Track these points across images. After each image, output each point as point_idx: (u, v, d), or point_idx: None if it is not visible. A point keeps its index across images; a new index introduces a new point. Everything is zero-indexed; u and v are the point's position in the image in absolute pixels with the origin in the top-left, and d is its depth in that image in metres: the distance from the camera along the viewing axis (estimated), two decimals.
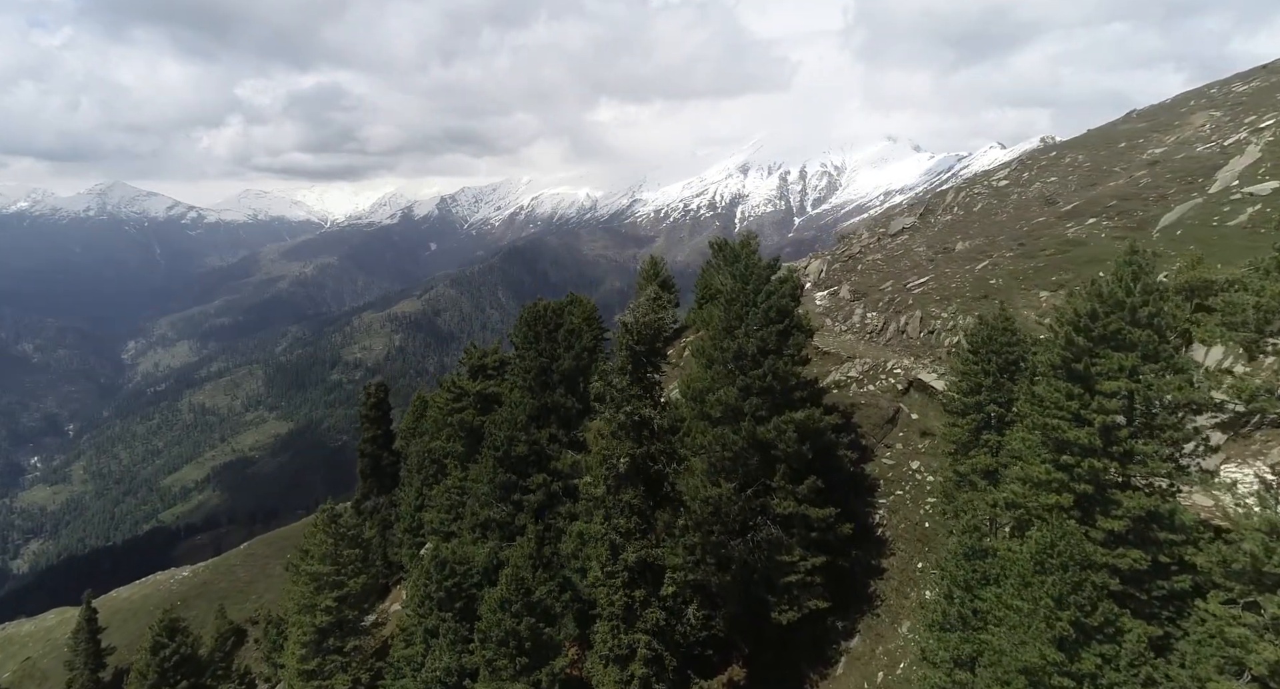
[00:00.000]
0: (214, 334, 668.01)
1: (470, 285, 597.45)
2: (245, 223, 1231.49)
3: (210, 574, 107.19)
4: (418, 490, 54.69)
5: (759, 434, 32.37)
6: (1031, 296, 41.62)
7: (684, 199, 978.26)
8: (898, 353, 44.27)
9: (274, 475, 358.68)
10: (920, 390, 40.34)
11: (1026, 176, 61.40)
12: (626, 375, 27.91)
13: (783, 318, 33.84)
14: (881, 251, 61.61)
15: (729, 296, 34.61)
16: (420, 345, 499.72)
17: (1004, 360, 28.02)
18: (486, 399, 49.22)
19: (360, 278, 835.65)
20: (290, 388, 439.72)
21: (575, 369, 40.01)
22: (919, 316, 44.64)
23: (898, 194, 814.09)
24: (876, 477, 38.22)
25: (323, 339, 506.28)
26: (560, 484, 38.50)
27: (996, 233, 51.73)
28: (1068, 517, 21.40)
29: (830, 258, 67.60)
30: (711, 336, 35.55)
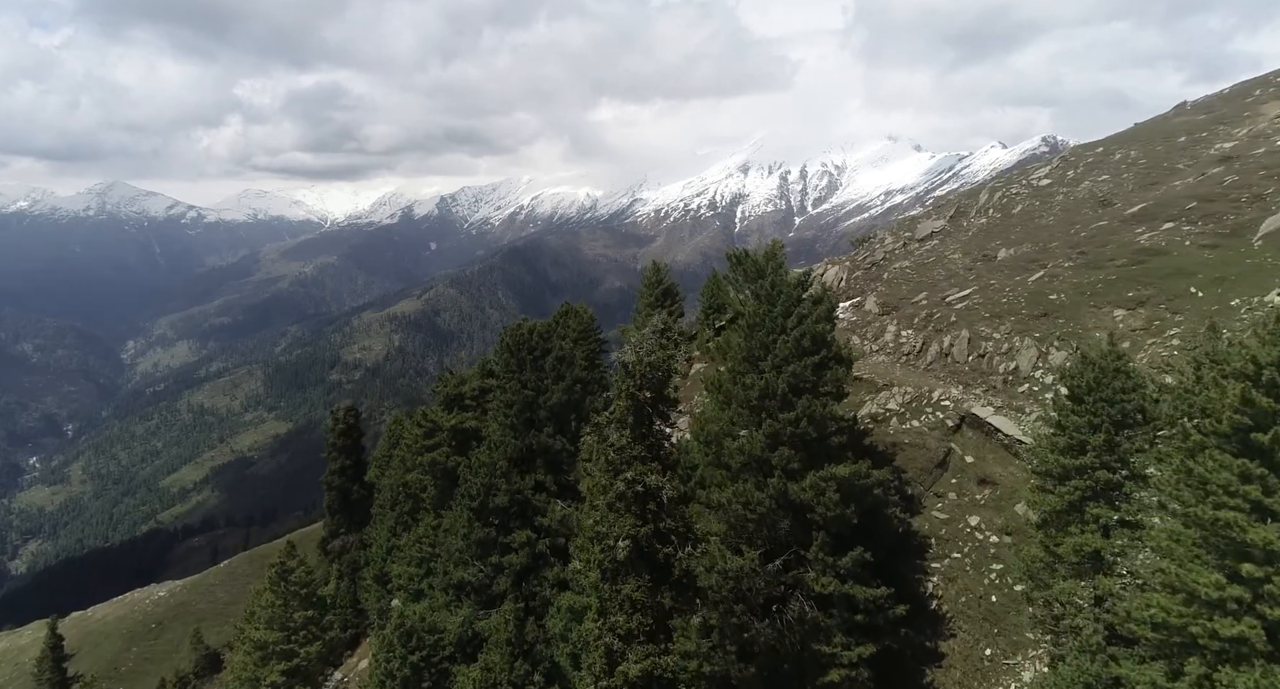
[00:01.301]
0: (213, 334, 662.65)
1: (470, 285, 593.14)
2: (245, 222, 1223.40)
3: (188, 594, 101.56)
4: (390, 530, 47.67)
5: (791, 493, 25.96)
6: (1104, 316, 35.16)
7: (684, 199, 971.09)
8: (943, 380, 37.81)
9: (273, 476, 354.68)
10: (974, 427, 33.93)
11: (1072, 175, 54.82)
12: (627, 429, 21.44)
13: (818, 347, 27.42)
14: (909, 258, 55.13)
15: (751, 321, 28.30)
16: (420, 345, 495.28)
17: (1118, 412, 21.38)
18: (464, 435, 42.27)
19: (360, 277, 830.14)
20: (289, 388, 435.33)
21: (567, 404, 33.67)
22: (966, 337, 38.15)
23: (898, 193, 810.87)
24: (926, 534, 31.64)
25: (322, 339, 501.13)
26: (547, 542, 31.93)
27: (1046, 238, 45.26)
28: (1259, 657, 14.83)
29: (850, 264, 61.07)
30: (730, 369, 29.19)
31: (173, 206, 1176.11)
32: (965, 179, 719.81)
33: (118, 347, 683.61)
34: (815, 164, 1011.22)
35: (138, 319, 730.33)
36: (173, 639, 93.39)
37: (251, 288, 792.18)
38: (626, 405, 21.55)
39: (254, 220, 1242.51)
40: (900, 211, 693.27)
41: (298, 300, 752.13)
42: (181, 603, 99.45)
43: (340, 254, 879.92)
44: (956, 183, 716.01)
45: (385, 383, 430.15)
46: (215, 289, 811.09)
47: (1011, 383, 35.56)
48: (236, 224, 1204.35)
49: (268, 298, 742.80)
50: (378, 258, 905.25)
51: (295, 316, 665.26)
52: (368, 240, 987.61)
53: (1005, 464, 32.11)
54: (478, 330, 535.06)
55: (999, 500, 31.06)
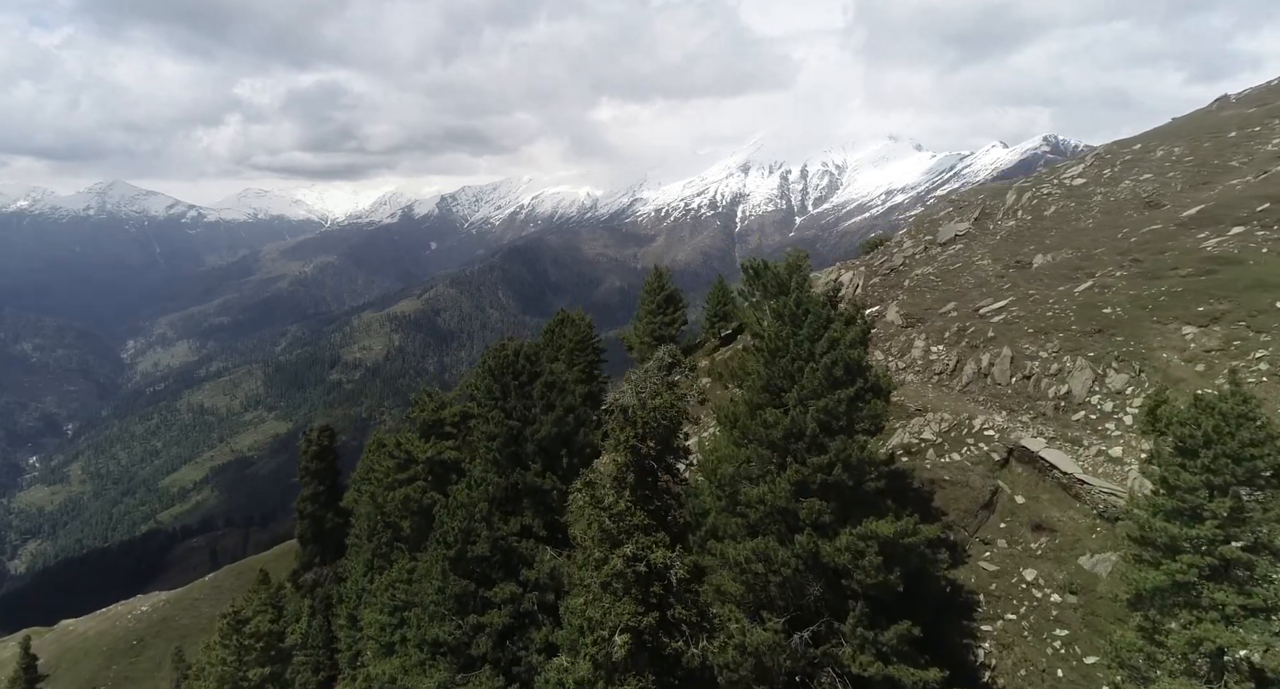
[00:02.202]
0: (213, 333, 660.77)
1: (470, 285, 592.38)
2: (245, 222, 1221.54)
3: (171, 609, 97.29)
4: (367, 563, 42.77)
5: (824, 554, 21.52)
6: (1170, 333, 30.63)
7: (685, 198, 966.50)
8: (983, 405, 33.33)
9: (272, 476, 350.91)
10: (1024, 462, 29.46)
11: (1109, 173, 50.13)
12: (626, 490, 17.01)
13: (853, 377, 23.09)
14: (932, 264, 50.63)
15: (773, 345, 24.15)
16: (420, 345, 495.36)
17: (1246, 472, 16.78)
18: (443, 468, 37.84)
19: (360, 277, 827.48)
20: (289, 388, 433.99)
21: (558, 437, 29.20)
22: (1008, 356, 33.65)
23: (899, 193, 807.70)
24: (974, 589, 27.06)
25: (322, 339, 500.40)
26: (535, 598, 27.32)
27: (1089, 244, 40.74)
28: None
29: (866, 270, 56.57)
30: (747, 399, 24.78)
31: (173, 206, 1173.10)
32: (966, 179, 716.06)
33: (117, 346, 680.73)
34: (816, 164, 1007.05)
35: (138, 318, 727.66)
36: (154, 656, 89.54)
37: (251, 287, 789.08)
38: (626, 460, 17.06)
39: (254, 220, 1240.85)
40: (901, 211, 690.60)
41: (298, 300, 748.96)
42: (164, 618, 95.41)
43: (340, 254, 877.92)
44: (958, 182, 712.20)
45: (385, 383, 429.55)
46: (215, 288, 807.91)
47: (1064, 409, 31.05)
48: (236, 224, 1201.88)
49: (268, 297, 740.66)
50: (378, 257, 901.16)
51: (295, 316, 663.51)
52: (368, 240, 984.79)
53: (1063, 507, 27.62)
54: (478, 330, 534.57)
55: (1058, 551, 26.53)
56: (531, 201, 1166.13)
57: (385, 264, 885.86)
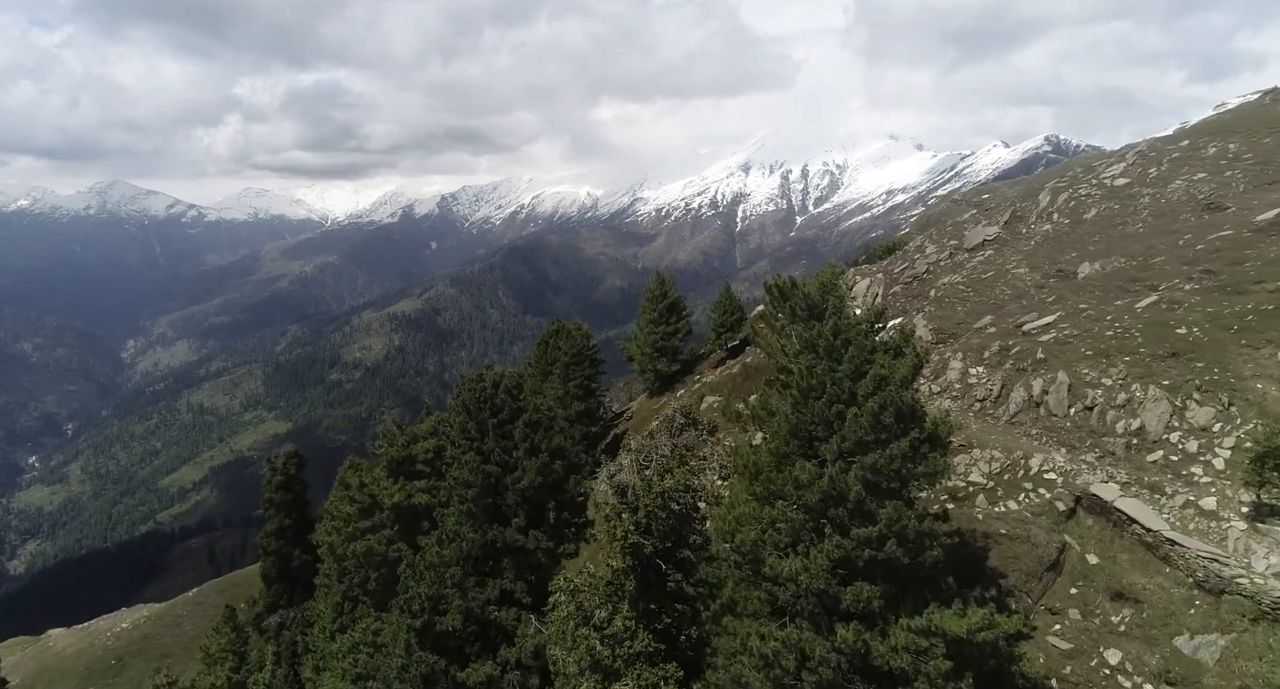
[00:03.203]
0: (213, 333, 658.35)
1: (471, 284, 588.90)
2: (245, 221, 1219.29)
3: (152, 627, 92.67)
4: (337, 607, 37.41)
5: (875, 654, 16.87)
6: (1264, 360, 25.95)
7: (685, 198, 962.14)
8: (1037, 440, 28.57)
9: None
10: (1096, 514, 24.64)
11: (1155, 172, 45.34)
12: (624, 602, 12.38)
13: (906, 425, 18.40)
14: (960, 272, 45.96)
15: (805, 384, 19.36)
16: (420, 345, 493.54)
17: None
18: (413, 515, 32.27)
19: (360, 277, 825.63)
20: (289, 388, 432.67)
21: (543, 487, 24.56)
22: (1064, 382, 28.90)
23: (900, 193, 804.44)
24: (1043, 673, 22.31)
25: (322, 338, 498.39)
26: (516, 680, 22.61)
27: (1143, 251, 36.08)
28: None
29: (886, 277, 51.91)
30: (772, 447, 20.11)
31: (173, 205, 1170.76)
32: (968, 178, 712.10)
33: (118, 346, 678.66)
34: (817, 163, 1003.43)
35: (138, 318, 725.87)
36: (133, 678, 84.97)
37: (251, 287, 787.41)
38: (623, 565, 12.36)
39: (254, 219, 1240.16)
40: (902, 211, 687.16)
41: (298, 299, 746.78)
42: (145, 636, 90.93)
43: (340, 253, 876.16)
44: (959, 182, 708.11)
45: (385, 383, 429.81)
46: (215, 288, 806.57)
47: (1136, 449, 26.30)
48: (237, 223, 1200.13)
49: (268, 297, 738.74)
50: (378, 257, 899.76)
51: (295, 316, 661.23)
52: (368, 239, 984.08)
53: (1148, 571, 22.82)
54: (478, 330, 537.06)
55: (1147, 627, 21.76)
56: (532, 201, 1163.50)
57: (385, 264, 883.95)
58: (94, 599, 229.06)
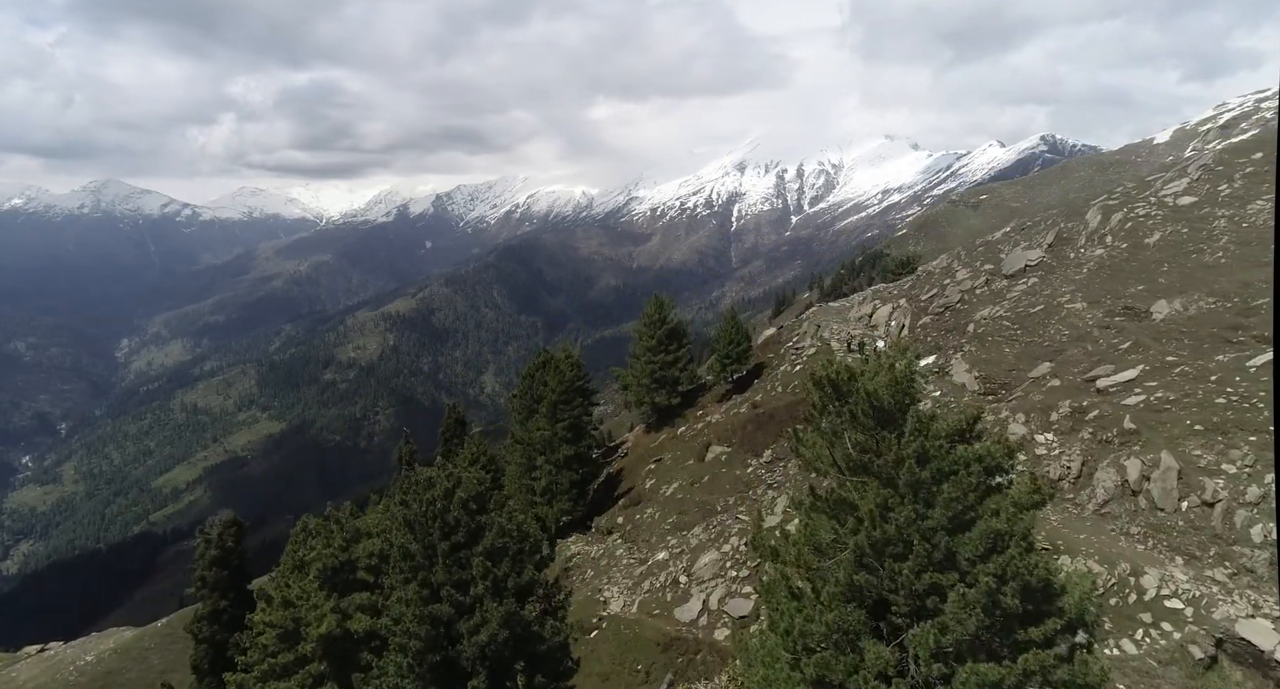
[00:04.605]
0: (207, 332, 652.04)
1: (465, 284, 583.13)
2: (240, 220, 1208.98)
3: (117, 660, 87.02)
4: None
5: None
6: None
7: (680, 197, 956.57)
8: (1143, 543, 23.51)
9: (266, 476, 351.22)
10: (1247, 665, 19.59)
11: (1227, 190, 40.19)
12: None
13: (1039, 610, 13.51)
14: (1001, 303, 41.13)
15: (880, 536, 14.26)
16: (414, 345, 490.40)
17: None
18: (347, 647, 25.63)
19: (355, 276, 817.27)
20: (283, 387, 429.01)
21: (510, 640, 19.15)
22: (1172, 468, 23.86)
23: (896, 192, 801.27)
24: None
25: (316, 338, 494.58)
26: None
27: (1237, 289, 31.48)
28: None
29: (911, 305, 47.03)
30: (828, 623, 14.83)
31: (167, 205, 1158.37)
32: (964, 178, 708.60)
33: (112, 345, 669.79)
34: (812, 163, 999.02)
35: (132, 317, 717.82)
36: None
37: (246, 286, 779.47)
38: None
39: (249, 218, 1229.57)
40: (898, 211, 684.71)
41: (292, 299, 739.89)
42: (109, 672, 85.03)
43: (335, 252, 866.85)
44: (954, 182, 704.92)
45: (380, 383, 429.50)
46: (210, 287, 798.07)
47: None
48: (231, 222, 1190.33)
49: (262, 296, 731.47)
50: (373, 256, 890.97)
51: (290, 315, 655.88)
52: (363, 239, 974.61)
53: None
54: (473, 330, 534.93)
55: None
56: (527, 200, 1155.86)
57: (380, 263, 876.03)
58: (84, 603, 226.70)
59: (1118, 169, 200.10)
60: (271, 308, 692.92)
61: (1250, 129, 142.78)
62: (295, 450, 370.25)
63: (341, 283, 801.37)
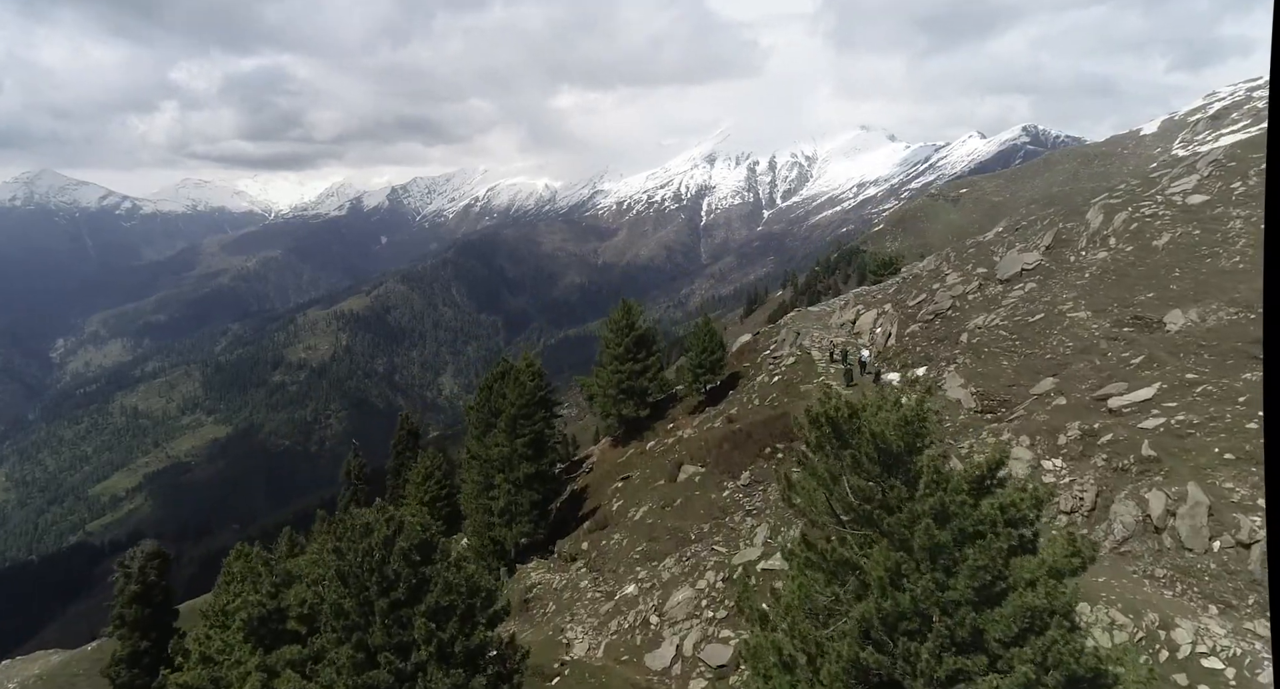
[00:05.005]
0: (149, 332, 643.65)
1: (422, 281, 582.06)
2: (183, 214, 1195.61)
3: None
4: None
5: None
6: None
7: (648, 190, 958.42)
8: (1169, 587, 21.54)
9: (211, 483, 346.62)
10: None
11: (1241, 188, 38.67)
12: None
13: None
14: (996, 310, 39.69)
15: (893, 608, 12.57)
16: (369, 345, 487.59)
17: None
18: None
19: (306, 272, 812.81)
20: (230, 390, 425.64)
21: None
22: (1201, 502, 22.09)
23: (871, 185, 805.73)
24: None
25: (265, 338, 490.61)
26: None
27: (1259, 297, 29.30)
28: None
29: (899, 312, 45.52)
30: None
31: (106, 197, 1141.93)
32: (942, 171, 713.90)
33: (46, 345, 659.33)
34: (785, 155, 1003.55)
35: (68, 315, 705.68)
36: None
37: (190, 283, 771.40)
38: None
39: (193, 212, 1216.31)
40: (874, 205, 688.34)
41: (239, 296, 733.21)
42: None
43: (285, 248, 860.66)
44: (933, 175, 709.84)
45: (332, 385, 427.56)
46: (151, 284, 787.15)
47: None
48: (174, 216, 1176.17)
49: (207, 294, 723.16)
50: (324, 251, 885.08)
51: (236, 314, 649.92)
52: (314, 233, 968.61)
53: None
54: (430, 329, 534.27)
55: None
56: (487, 194, 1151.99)
57: (332, 259, 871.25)
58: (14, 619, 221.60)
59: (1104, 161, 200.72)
60: (217, 306, 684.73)
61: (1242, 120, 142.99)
62: (242, 456, 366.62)
63: (291, 280, 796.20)
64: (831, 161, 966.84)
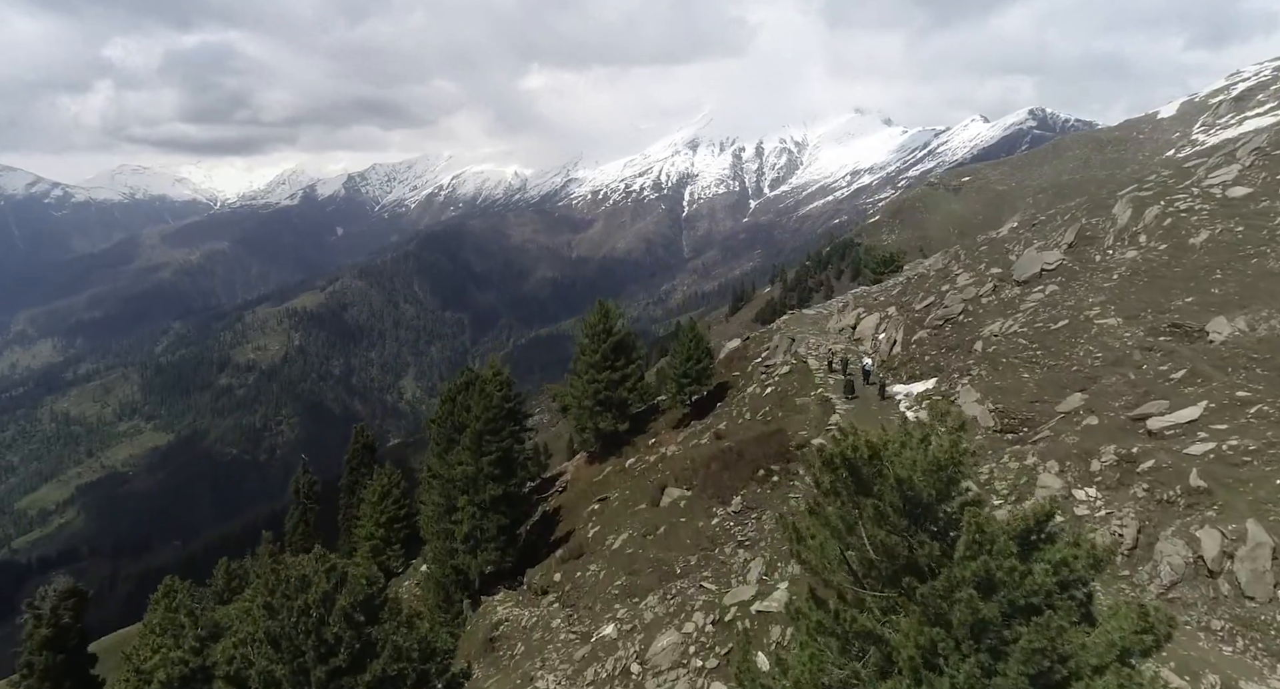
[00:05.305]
0: (82, 330, 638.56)
1: (382, 276, 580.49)
2: (121, 202, 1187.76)
3: None
4: None
5: None
6: None
7: (625, 179, 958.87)
8: (1229, 643, 20.21)
9: (151, 495, 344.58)
10: None
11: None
12: None
13: None
14: (1014, 315, 38.46)
15: None
16: (323, 345, 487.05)
17: None
18: None
19: (255, 266, 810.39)
20: (172, 394, 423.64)
21: None
22: (1264, 545, 20.76)
23: (866, 173, 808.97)
24: None
25: (210, 337, 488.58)
26: None
27: None
28: None
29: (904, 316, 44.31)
30: None
31: (34, 183, 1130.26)
32: (942, 157, 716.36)
33: None
34: (773, 140, 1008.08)
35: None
36: None
37: (128, 278, 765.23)
38: None
39: (131, 200, 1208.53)
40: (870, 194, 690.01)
41: (182, 292, 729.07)
42: None
43: (232, 240, 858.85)
44: (932, 162, 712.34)
45: (283, 388, 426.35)
46: (85, 279, 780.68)
47: None
48: (110, 204, 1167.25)
49: (147, 289, 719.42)
50: (275, 244, 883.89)
51: (179, 311, 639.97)
52: (264, 224, 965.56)
53: None
54: (390, 328, 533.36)
55: None
56: (452, 182, 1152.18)
57: (284, 252, 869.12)
58: None
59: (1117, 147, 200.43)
60: (158, 303, 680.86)
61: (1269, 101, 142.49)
62: (184, 465, 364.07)
63: (239, 274, 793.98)
64: (823, 147, 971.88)
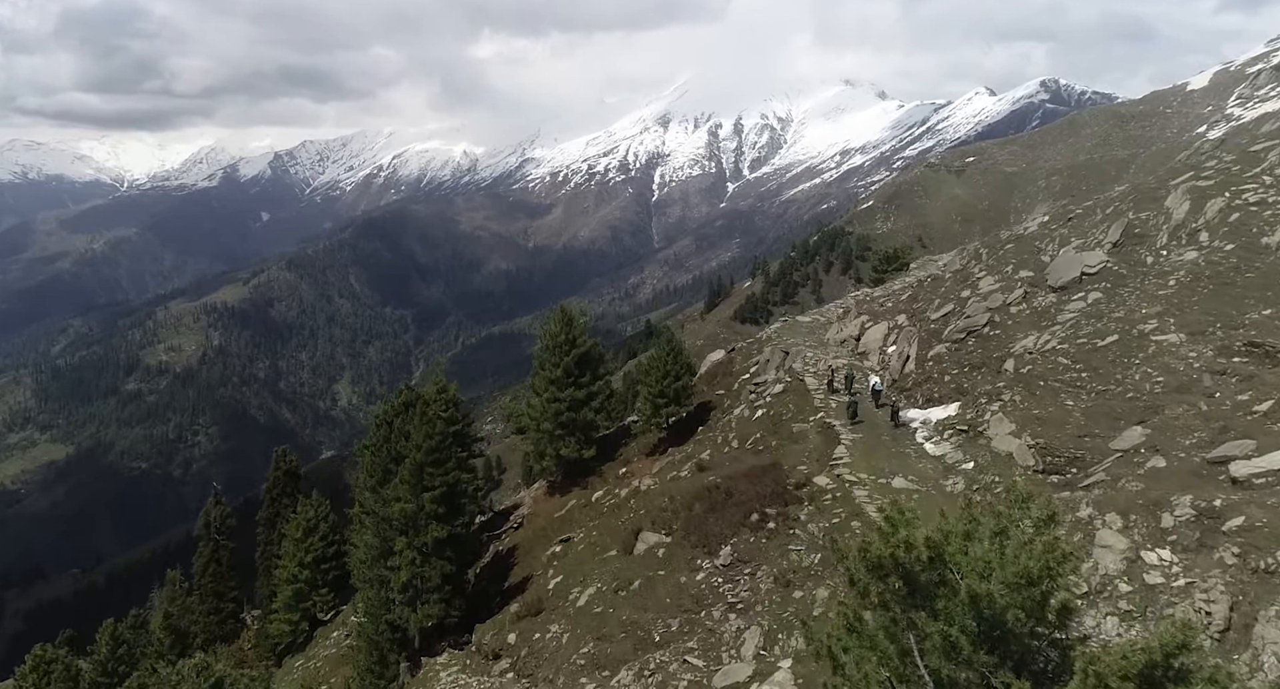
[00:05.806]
0: None
1: (313, 267, 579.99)
2: (11, 182, 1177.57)
3: None
4: None
5: None
6: None
7: (588, 159, 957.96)
8: None
9: (45, 517, 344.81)
10: None
11: None
12: None
13: None
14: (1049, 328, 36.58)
15: None
16: (247, 344, 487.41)
17: None
18: None
19: (168, 256, 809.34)
20: (71, 400, 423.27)
21: None
22: None
23: (858, 153, 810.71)
24: None
25: (116, 336, 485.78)
26: None
27: None
28: None
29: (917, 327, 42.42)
30: None
31: None
32: (943, 135, 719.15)
33: None
34: (753, 116, 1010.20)
35: None
36: None
37: (20, 269, 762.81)
38: None
39: (23, 180, 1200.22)
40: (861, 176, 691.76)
41: (83, 285, 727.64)
42: None
43: (141, 225, 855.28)
44: (932, 140, 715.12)
45: (201, 394, 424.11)
46: None
47: None
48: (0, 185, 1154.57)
49: (42, 282, 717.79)
50: (192, 231, 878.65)
51: (80, 307, 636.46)
52: (178, 208, 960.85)
53: None
54: (324, 326, 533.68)
55: None
56: (393, 162, 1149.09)
57: (201, 239, 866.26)
58: None
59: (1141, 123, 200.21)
60: (54, 297, 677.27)
61: None
62: (86, 482, 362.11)
63: (150, 265, 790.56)
64: (809, 124, 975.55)
